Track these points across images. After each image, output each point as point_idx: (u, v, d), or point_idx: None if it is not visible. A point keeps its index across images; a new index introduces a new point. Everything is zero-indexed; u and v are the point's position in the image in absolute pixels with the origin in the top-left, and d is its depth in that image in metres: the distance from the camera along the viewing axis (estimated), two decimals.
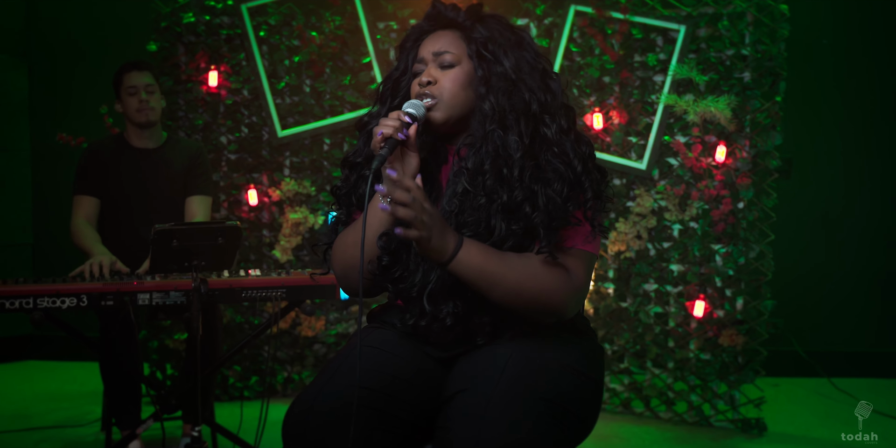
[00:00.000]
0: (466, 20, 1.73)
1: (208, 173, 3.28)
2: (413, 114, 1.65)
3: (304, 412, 1.58)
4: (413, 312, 1.70)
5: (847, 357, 4.29)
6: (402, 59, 1.80)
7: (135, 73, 3.15)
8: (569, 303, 1.63)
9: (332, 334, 3.85)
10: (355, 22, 3.78)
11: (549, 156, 1.66)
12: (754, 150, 3.44)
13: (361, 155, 1.78)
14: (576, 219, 1.65)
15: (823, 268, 4.31)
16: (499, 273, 1.57)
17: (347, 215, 1.81)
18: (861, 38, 4.30)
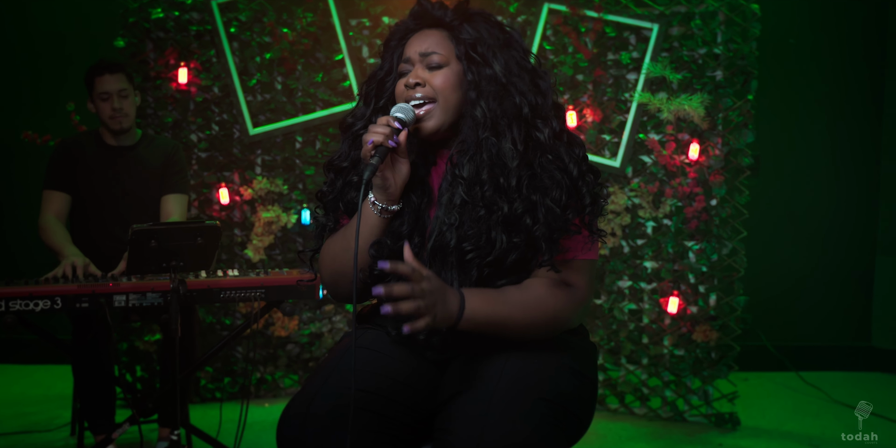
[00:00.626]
0: (454, 19, 1.69)
1: (184, 172, 3.23)
2: (402, 118, 1.62)
3: (301, 415, 1.55)
4: (407, 322, 1.68)
5: (814, 351, 4.37)
6: (387, 58, 1.76)
7: (107, 77, 3.05)
8: (576, 318, 1.66)
9: (306, 334, 3.81)
10: (327, 19, 3.74)
11: (544, 161, 1.64)
12: (727, 147, 3.47)
13: (347, 159, 1.75)
14: (575, 226, 1.64)
15: (790, 263, 4.38)
16: (506, 316, 1.58)
17: (335, 222, 1.78)
18: (830, 38, 4.37)
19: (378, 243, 1.66)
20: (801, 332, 4.40)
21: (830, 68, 4.37)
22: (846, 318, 4.45)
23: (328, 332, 3.83)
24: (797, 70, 4.34)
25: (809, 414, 3.68)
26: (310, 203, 3.80)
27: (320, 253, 1.78)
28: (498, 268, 1.62)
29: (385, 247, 1.66)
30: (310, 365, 3.85)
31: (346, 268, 1.68)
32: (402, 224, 1.68)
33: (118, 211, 3.10)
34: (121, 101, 3.06)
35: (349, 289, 1.73)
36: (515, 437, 1.44)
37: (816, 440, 3.34)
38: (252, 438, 3.18)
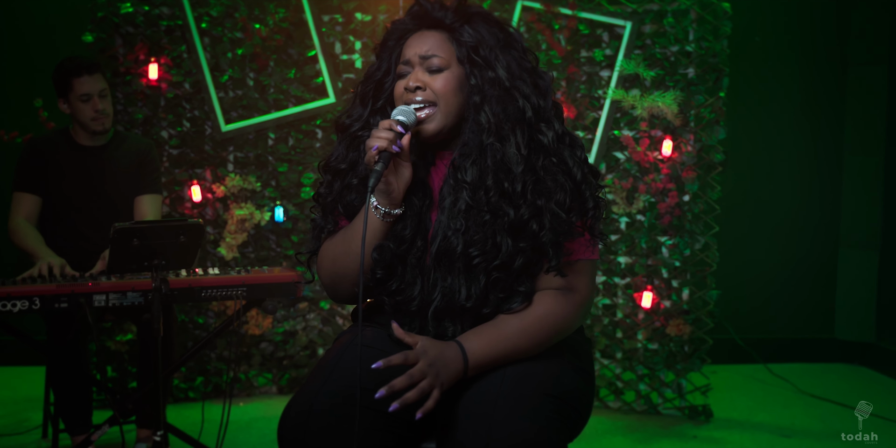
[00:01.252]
0: (455, 21, 1.67)
1: (158, 171, 3.18)
2: (404, 121, 1.61)
3: (303, 414, 1.55)
4: (412, 327, 1.68)
5: (781, 343, 4.46)
6: (384, 58, 1.74)
7: (86, 79, 2.96)
8: (580, 320, 1.69)
9: (280, 332, 3.79)
10: (300, 14, 3.72)
11: (547, 164, 1.64)
12: (699, 144, 3.52)
13: (345, 161, 1.74)
14: (579, 229, 1.66)
15: (757, 258, 4.45)
16: (511, 348, 1.60)
17: (334, 224, 1.76)
18: (797, 36, 4.44)
19: (381, 247, 1.66)
20: (767, 325, 4.48)
21: (797, 66, 4.45)
22: (811, 311, 4.54)
23: (302, 329, 3.81)
24: (766, 68, 4.41)
25: (778, 405, 3.76)
26: (283, 200, 3.78)
27: (319, 255, 1.77)
28: (505, 272, 1.62)
29: (387, 251, 1.66)
30: (284, 363, 3.83)
31: (347, 270, 1.68)
32: (404, 227, 1.67)
33: (90, 212, 3.05)
34: (103, 101, 3.00)
35: (349, 291, 1.73)
36: (524, 435, 1.45)
37: (787, 430, 3.41)
38: (229, 438, 3.15)
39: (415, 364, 1.53)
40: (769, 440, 3.30)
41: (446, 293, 1.63)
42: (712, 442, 3.28)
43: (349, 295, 1.75)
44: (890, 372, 4.25)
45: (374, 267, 1.66)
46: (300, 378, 3.83)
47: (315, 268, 1.79)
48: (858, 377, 4.27)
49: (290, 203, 3.79)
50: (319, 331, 3.83)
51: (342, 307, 3.82)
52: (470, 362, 1.56)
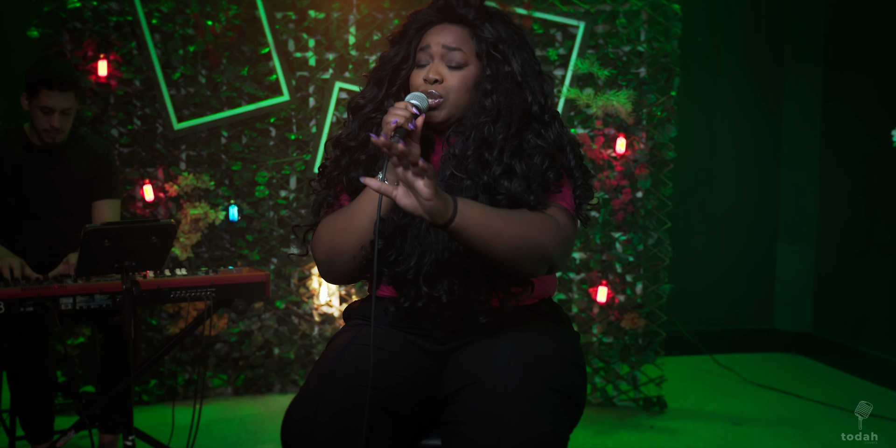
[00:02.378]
0: (476, 18, 1.75)
1: (116, 175, 3.11)
2: (418, 105, 1.67)
3: (308, 420, 1.54)
4: (408, 295, 1.71)
5: (724, 335, 4.60)
6: (403, 46, 1.79)
7: (55, 94, 2.83)
8: (559, 249, 1.65)
9: (235, 333, 3.74)
10: (252, 11, 3.67)
11: (538, 142, 1.71)
12: (651, 142, 3.61)
13: (356, 139, 1.79)
14: (556, 186, 1.70)
15: (701, 252, 4.58)
16: (498, 223, 1.58)
17: (335, 197, 1.81)
18: (740, 37, 4.58)
19: (382, 220, 1.69)
20: (712, 317, 4.61)
21: (739, 67, 4.59)
22: (752, 303, 4.70)
23: (258, 330, 3.78)
24: (713, 68, 4.54)
25: (727, 394, 3.88)
26: (237, 199, 3.73)
27: (316, 230, 1.79)
28: None
29: (389, 223, 1.70)
30: (239, 364, 3.79)
31: (346, 246, 1.71)
32: None
33: (45, 217, 2.96)
34: (62, 119, 2.88)
35: (346, 267, 1.74)
36: (535, 431, 1.48)
37: (737, 419, 3.53)
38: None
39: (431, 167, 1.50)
40: (722, 428, 3.41)
41: (436, 255, 1.67)
42: (669, 432, 3.37)
43: (344, 271, 1.75)
44: (826, 360, 4.43)
45: (374, 239, 1.68)
46: (256, 379, 3.80)
47: (310, 244, 1.81)
48: (798, 365, 4.44)
49: (245, 202, 3.74)
50: (275, 330, 3.80)
51: (298, 306, 3.80)
52: (459, 207, 1.52)
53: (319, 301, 3.80)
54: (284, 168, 3.75)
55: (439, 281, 1.68)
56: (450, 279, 1.67)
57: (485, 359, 1.64)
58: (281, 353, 3.82)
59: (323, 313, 3.81)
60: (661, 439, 3.29)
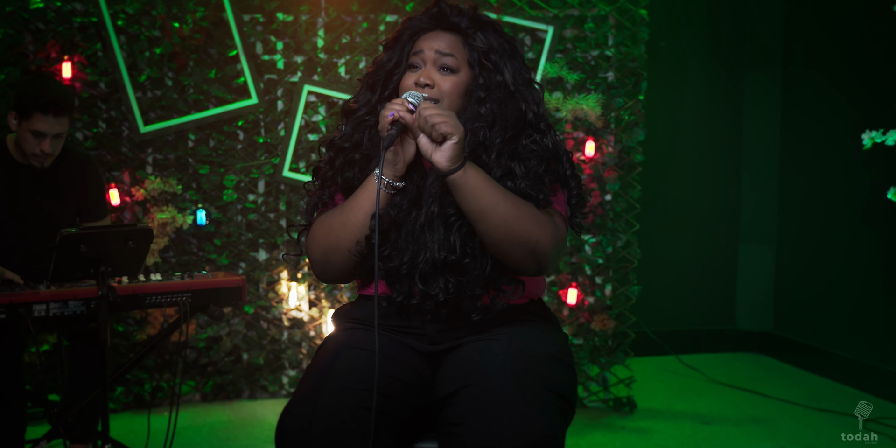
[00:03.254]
0: (469, 27, 1.76)
1: (103, 192, 3.05)
2: (415, 103, 1.68)
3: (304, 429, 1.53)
4: (401, 291, 1.71)
5: (688, 335, 4.67)
6: (396, 51, 1.81)
7: (50, 120, 2.67)
8: (552, 249, 1.67)
9: (203, 338, 3.70)
10: (220, 13, 3.64)
11: (533, 146, 1.72)
12: (620, 145, 3.65)
13: (349, 141, 1.81)
14: (552, 191, 1.73)
15: (666, 254, 4.64)
16: (499, 196, 1.62)
17: (329, 196, 1.82)
18: (703, 42, 4.65)
19: (378, 215, 1.69)
20: (676, 318, 4.68)
21: (704, 71, 4.66)
22: (714, 304, 4.78)
23: (227, 335, 3.74)
24: (677, 72, 4.60)
25: (694, 394, 3.94)
26: (205, 203, 3.69)
27: (312, 229, 1.80)
28: None
29: (386, 217, 1.70)
30: (208, 370, 3.74)
31: (342, 242, 1.72)
32: (403, 198, 1.73)
33: (31, 234, 2.87)
34: (54, 144, 2.74)
35: (341, 263, 1.75)
36: (534, 431, 1.49)
37: (706, 417, 3.59)
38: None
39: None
40: (692, 427, 3.46)
41: (431, 253, 1.67)
42: (640, 432, 3.41)
43: (340, 268, 1.76)
44: (787, 358, 4.52)
45: (371, 233, 1.70)
46: (225, 385, 3.76)
47: (305, 244, 1.82)
48: (759, 365, 4.52)
49: (213, 206, 3.70)
50: (244, 335, 3.76)
51: (267, 311, 3.76)
52: (467, 164, 1.60)
53: (289, 305, 3.77)
54: (253, 171, 3.72)
55: (435, 279, 1.68)
56: (445, 277, 1.68)
57: (481, 360, 1.65)
58: (250, 358, 3.78)
59: (292, 318, 3.78)
60: (633, 439, 3.33)
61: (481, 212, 1.61)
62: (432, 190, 1.70)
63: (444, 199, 1.69)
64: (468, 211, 1.62)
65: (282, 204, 3.76)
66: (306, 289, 3.78)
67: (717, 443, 3.28)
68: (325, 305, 3.77)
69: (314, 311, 3.78)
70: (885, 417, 3.53)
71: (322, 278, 1.81)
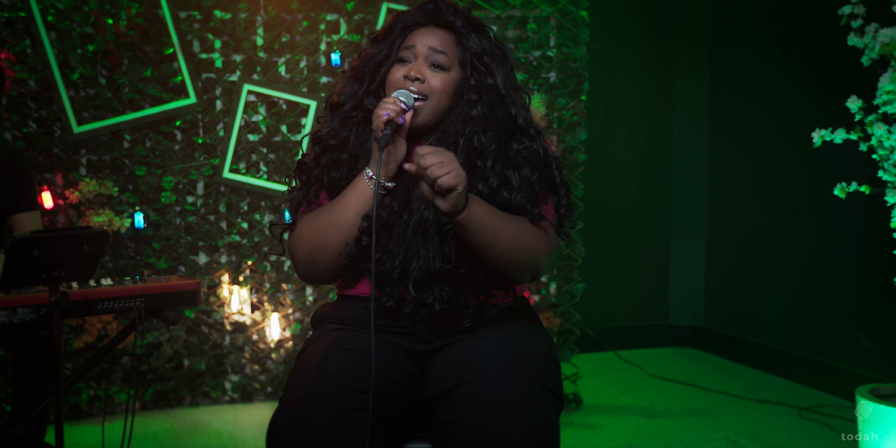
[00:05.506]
0: (463, 27, 1.75)
1: (33, 184, 2.91)
2: (406, 102, 1.67)
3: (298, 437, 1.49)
4: (392, 295, 1.69)
5: (625, 331, 4.75)
6: (386, 44, 1.78)
7: None
8: (546, 262, 1.72)
9: (143, 345, 3.58)
10: (155, 10, 3.53)
11: (524, 152, 1.73)
12: (563, 144, 3.70)
13: (336, 138, 1.77)
14: (544, 199, 1.74)
15: (601, 251, 4.71)
16: (501, 225, 1.62)
17: (315, 196, 1.78)
18: (636, 43, 4.75)
19: (369, 217, 1.67)
20: (612, 314, 4.76)
21: (639, 72, 4.76)
22: (648, 300, 4.88)
23: (166, 341, 3.63)
24: (617, 73, 4.68)
25: (635, 388, 4.02)
26: (142, 205, 3.58)
27: (296, 228, 1.76)
28: None
29: (378, 220, 1.68)
30: (148, 377, 3.63)
31: (329, 242, 1.69)
32: (393, 200, 1.71)
33: None
34: None
35: (328, 265, 1.72)
36: (535, 427, 1.49)
37: (650, 411, 3.66)
38: None
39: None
40: (638, 421, 3.52)
41: (425, 261, 1.66)
42: (588, 427, 3.46)
43: (326, 269, 1.73)
44: (719, 352, 4.66)
45: (362, 235, 1.68)
46: (166, 392, 3.65)
47: (288, 243, 1.78)
48: (693, 358, 4.64)
49: (151, 208, 3.59)
50: (185, 341, 3.66)
51: (208, 316, 3.67)
52: (469, 202, 1.56)
53: (231, 309, 3.69)
54: (192, 173, 3.63)
55: (429, 288, 1.67)
56: (440, 286, 1.67)
57: (473, 358, 1.64)
58: (191, 364, 3.68)
59: (235, 322, 3.70)
60: (583, 435, 3.37)
61: (484, 244, 1.61)
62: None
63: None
64: (471, 244, 1.62)
65: (222, 206, 3.68)
66: (248, 292, 3.70)
67: (664, 435, 3.35)
68: (269, 308, 3.71)
69: (257, 314, 3.71)
70: (817, 406, 3.67)
71: (306, 279, 1.78)
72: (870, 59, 2.42)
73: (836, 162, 3.45)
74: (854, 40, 2.44)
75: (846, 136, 2.40)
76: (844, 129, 2.44)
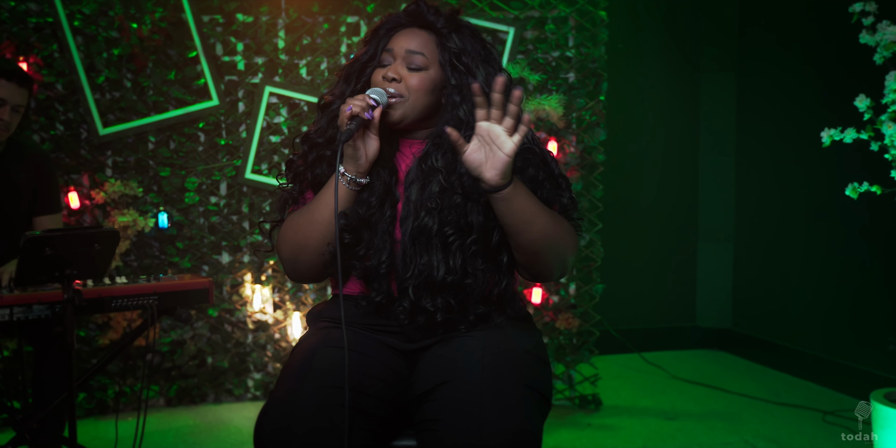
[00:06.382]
0: (444, 27, 1.77)
1: (58, 188, 2.98)
2: (376, 99, 1.69)
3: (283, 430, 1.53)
4: (379, 290, 1.71)
5: (650, 333, 4.72)
6: (372, 46, 1.82)
7: (13, 87, 2.67)
8: (572, 257, 1.73)
9: (167, 342, 3.65)
10: (179, 14, 3.60)
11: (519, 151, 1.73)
12: (581, 145, 3.69)
13: (323, 136, 1.80)
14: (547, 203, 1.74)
15: (628, 252, 4.69)
16: (539, 211, 1.64)
17: (299, 192, 1.82)
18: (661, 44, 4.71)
19: (345, 214, 1.70)
20: (637, 316, 4.73)
21: (663, 72, 4.72)
22: (675, 301, 4.84)
23: (190, 338, 3.69)
24: (637, 73, 4.66)
25: (657, 390, 3.99)
26: (166, 205, 3.65)
27: (282, 228, 1.79)
28: (483, 245, 1.70)
29: (354, 216, 1.70)
30: (172, 374, 3.70)
31: (309, 240, 1.72)
32: (371, 195, 1.73)
33: None
34: (12, 116, 2.71)
35: (311, 262, 1.75)
36: (512, 426, 1.50)
37: (670, 413, 3.63)
38: None
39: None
40: (657, 423, 3.50)
41: (423, 270, 1.67)
42: (607, 429, 3.45)
43: (309, 267, 1.76)
44: (745, 354, 4.60)
45: (342, 232, 1.69)
46: (189, 389, 3.72)
47: (276, 243, 1.81)
48: (720, 361, 4.59)
49: (174, 209, 3.66)
50: (208, 339, 3.72)
51: (231, 314, 3.73)
52: (515, 180, 1.60)
53: (253, 308, 3.74)
54: (214, 174, 3.69)
55: (430, 297, 1.69)
56: (443, 297, 1.68)
57: (458, 357, 1.65)
58: (214, 362, 3.74)
59: (257, 320, 3.76)
60: (599, 436, 3.36)
61: (521, 225, 1.63)
62: (429, 203, 1.69)
63: (444, 215, 1.68)
64: (507, 224, 1.63)
65: (244, 206, 3.73)
66: (270, 291, 3.75)
67: (681, 438, 3.33)
68: (290, 308, 3.75)
69: (279, 313, 3.76)
70: (842, 410, 3.60)
71: (293, 278, 1.81)
72: (882, 57, 2.38)
73: (863, 162, 3.39)
74: (866, 38, 2.40)
75: (856, 136, 2.36)
76: (854, 128, 2.40)
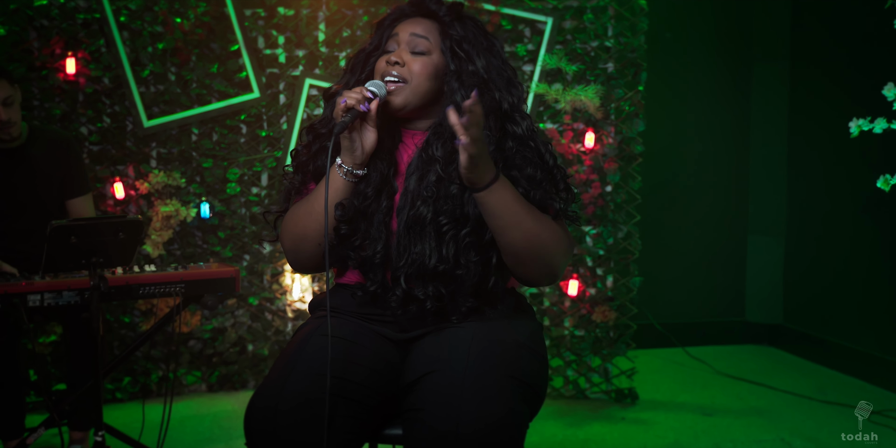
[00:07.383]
0: (447, 15, 1.80)
1: (84, 169, 3.07)
2: (374, 91, 1.71)
3: (270, 408, 1.56)
4: (375, 279, 1.73)
5: (696, 327, 4.64)
6: (377, 36, 1.85)
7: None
8: (563, 260, 1.71)
9: (208, 329, 3.75)
10: (221, 8, 3.67)
11: (517, 147, 1.73)
12: (619, 136, 3.64)
13: (327, 126, 1.82)
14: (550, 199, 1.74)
15: (673, 245, 4.62)
16: (524, 211, 1.63)
17: (302, 183, 1.84)
18: (710, 33, 4.62)
19: (342, 205, 1.72)
20: (683, 310, 4.65)
21: (707, 63, 4.63)
22: (723, 295, 4.74)
23: (231, 326, 3.78)
24: (681, 64, 4.57)
25: (698, 386, 3.93)
26: (208, 196, 3.74)
27: (284, 218, 1.82)
28: (477, 237, 1.69)
29: (350, 207, 1.72)
30: (213, 360, 3.79)
31: (308, 230, 1.74)
32: (367, 186, 1.74)
33: (15, 220, 2.92)
34: (8, 110, 2.78)
35: (311, 253, 1.77)
36: (491, 417, 1.50)
37: (708, 409, 3.57)
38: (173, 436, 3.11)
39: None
40: (692, 419, 3.45)
41: (416, 258, 1.68)
42: (640, 423, 3.41)
43: (310, 258, 1.78)
44: (797, 351, 4.49)
45: (338, 223, 1.71)
46: (230, 375, 3.80)
47: (279, 233, 1.85)
48: (768, 357, 4.49)
49: (216, 199, 3.75)
50: (249, 327, 3.80)
51: (271, 303, 3.80)
52: (499, 178, 1.60)
53: (292, 297, 3.81)
54: (256, 165, 3.76)
55: (422, 285, 1.69)
56: (434, 285, 1.69)
57: (445, 347, 1.66)
58: (254, 349, 3.82)
59: (296, 309, 3.82)
60: (631, 430, 3.32)
61: (504, 228, 1.63)
62: (424, 192, 1.70)
63: (440, 204, 1.69)
64: (491, 225, 1.64)
65: None
66: (309, 280, 3.81)
67: (716, 434, 3.27)
68: None
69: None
70: (890, 410, 3.49)
71: (295, 268, 1.84)
72: None
73: None
74: None
75: (886, 126, 2.28)
76: (885, 118, 2.32)
